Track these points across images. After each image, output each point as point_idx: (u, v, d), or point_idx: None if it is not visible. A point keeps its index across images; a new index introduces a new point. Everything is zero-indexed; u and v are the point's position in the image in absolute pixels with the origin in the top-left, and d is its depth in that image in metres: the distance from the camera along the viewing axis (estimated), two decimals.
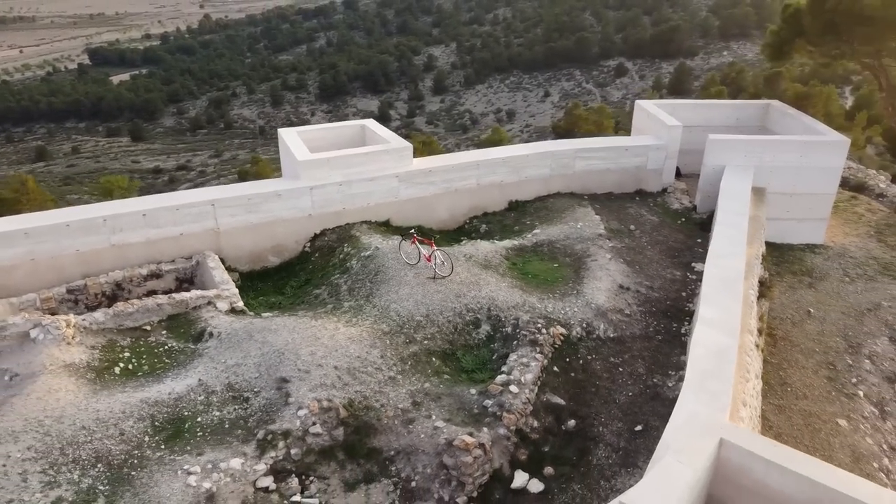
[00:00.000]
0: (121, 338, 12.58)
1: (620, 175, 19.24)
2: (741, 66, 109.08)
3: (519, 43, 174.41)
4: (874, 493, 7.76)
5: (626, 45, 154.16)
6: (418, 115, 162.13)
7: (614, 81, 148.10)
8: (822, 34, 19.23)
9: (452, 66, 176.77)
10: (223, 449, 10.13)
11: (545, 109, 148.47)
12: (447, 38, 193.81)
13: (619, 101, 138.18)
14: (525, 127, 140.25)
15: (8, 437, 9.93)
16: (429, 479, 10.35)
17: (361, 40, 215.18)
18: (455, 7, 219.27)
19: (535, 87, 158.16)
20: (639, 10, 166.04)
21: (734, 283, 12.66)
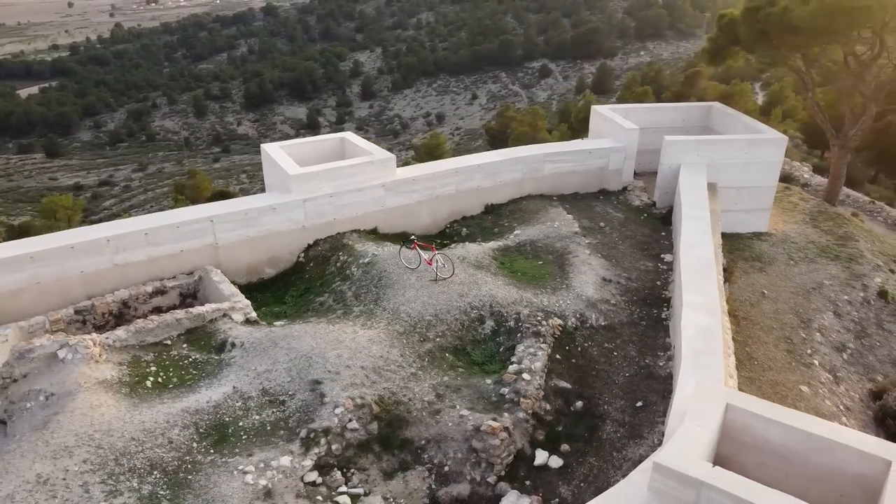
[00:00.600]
0: (144, 353, 13.03)
1: (585, 176, 20.69)
2: (659, 66, 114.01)
3: (444, 47, 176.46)
4: (857, 438, 9.26)
5: (549, 47, 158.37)
6: (348, 122, 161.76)
7: (539, 83, 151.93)
8: (755, 42, 21.20)
9: (379, 72, 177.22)
10: (270, 449, 10.85)
11: (474, 112, 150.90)
12: (372, 44, 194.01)
13: (545, 101, 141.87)
14: (455, 129, 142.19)
15: (62, 452, 10.37)
16: (460, 462, 11.34)
17: (284, 47, 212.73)
18: (378, 12, 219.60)
19: (463, 90, 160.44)
20: (558, 13, 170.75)
21: (709, 270, 14.19)
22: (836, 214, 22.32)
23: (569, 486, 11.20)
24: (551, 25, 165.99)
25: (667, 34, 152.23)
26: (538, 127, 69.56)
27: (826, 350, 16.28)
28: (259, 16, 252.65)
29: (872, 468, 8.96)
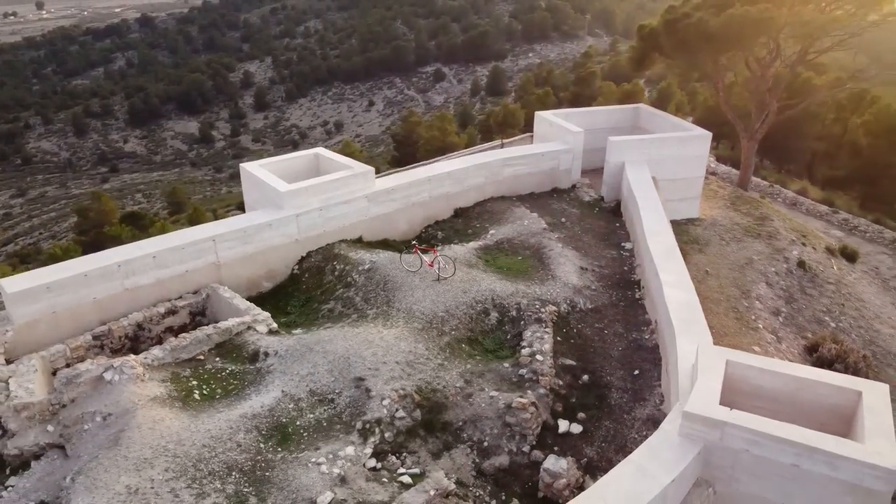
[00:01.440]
0: (181, 369, 13.71)
1: (539, 177, 22.63)
2: (550, 67, 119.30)
3: (336, 54, 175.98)
4: (831, 376, 11.52)
5: (441, 52, 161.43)
6: (243, 134, 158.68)
7: (434, 87, 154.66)
8: (676, 50, 23.89)
9: (271, 82, 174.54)
10: (333, 441, 11.96)
11: (372, 118, 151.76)
12: (261, 53, 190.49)
13: (441, 105, 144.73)
14: (356, 137, 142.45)
15: (143, 463, 11.09)
16: (497, 437, 12.84)
17: (166, 59, 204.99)
18: (263, 21, 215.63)
19: (359, 97, 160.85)
20: (447, 18, 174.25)
21: (674, 252, 16.40)
22: (750, 198, 25.42)
23: (592, 448, 12.94)
24: (441, 30, 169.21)
25: (552, 36, 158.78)
26: (447, 131, 71.40)
27: (766, 315, 18.93)
28: (134, 27, 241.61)
29: (847, 399, 11.22)
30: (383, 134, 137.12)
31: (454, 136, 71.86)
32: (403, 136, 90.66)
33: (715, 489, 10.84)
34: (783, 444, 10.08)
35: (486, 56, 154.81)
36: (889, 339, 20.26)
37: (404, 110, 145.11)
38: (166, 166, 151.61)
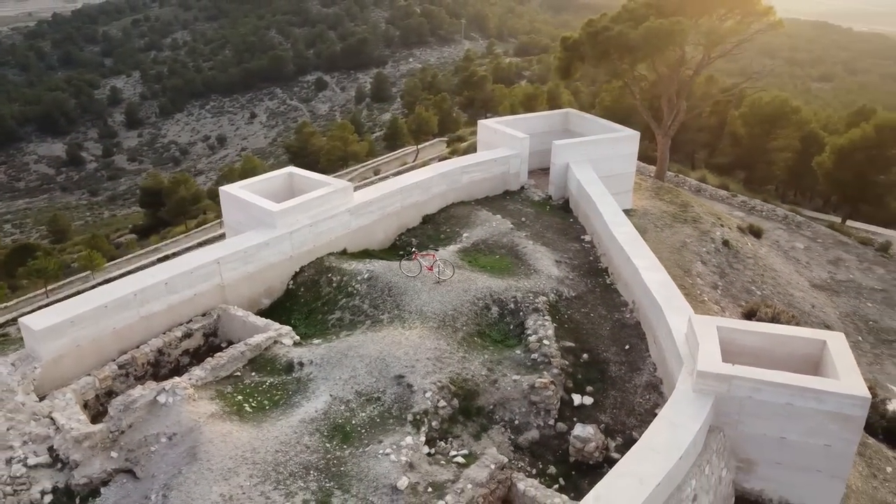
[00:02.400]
0: (222, 387, 14.42)
1: (493, 181, 24.49)
2: (434, 71, 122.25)
3: (210, 66, 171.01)
4: (800, 330, 14.09)
5: (321, 60, 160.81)
6: (117, 154, 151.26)
7: (317, 95, 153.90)
8: (599, 59, 26.51)
9: (142, 97, 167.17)
10: (392, 434, 13.20)
11: (256, 131, 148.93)
12: (126, 68, 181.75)
13: (327, 113, 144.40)
14: (241, 150, 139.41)
15: (228, 473, 11.93)
16: (525, 415, 14.54)
17: (17, 77, 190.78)
18: (125, 34, 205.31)
19: (239, 110, 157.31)
20: (323, 26, 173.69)
21: (639, 239, 18.73)
22: (670, 188, 28.54)
23: (605, 415, 14.91)
24: (319, 38, 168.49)
25: (430, 41, 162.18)
26: (349, 140, 72.38)
27: (707, 289, 21.76)
28: None
29: (814, 348, 13.80)
30: (271, 146, 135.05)
31: (356, 145, 72.93)
32: (298, 148, 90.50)
33: (725, 433, 13.07)
34: (779, 388, 12.43)
35: (366, 63, 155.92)
36: (802, 301, 23.73)
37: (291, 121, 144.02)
38: (32, 193, 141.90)
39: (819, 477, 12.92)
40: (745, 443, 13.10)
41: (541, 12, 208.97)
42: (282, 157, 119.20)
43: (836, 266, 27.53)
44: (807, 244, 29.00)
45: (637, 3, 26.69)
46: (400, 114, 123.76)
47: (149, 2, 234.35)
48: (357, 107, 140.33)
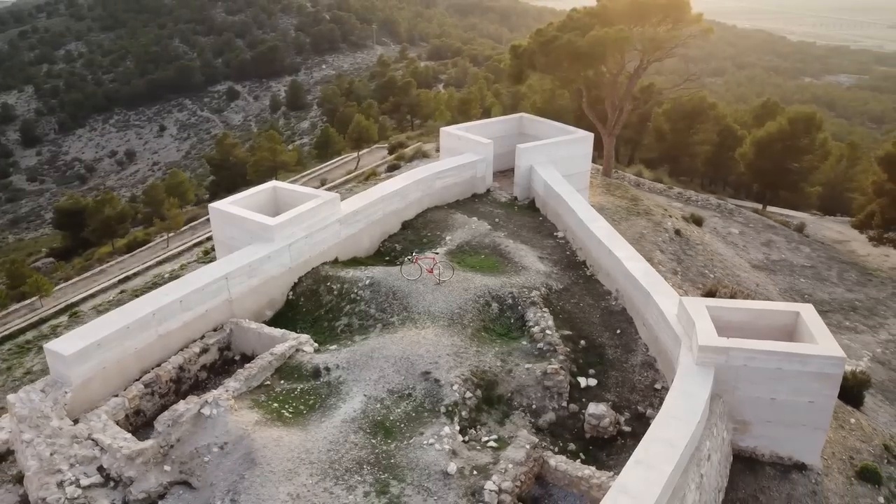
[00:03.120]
0: (256, 396, 15.00)
1: (462, 186, 25.72)
2: (350, 78, 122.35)
3: (111, 79, 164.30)
4: (775, 304, 16.02)
5: (231, 69, 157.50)
6: (14, 174, 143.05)
7: (230, 105, 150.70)
8: (548, 66, 28.19)
9: (38, 113, 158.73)
10: (430, 426, 14.20)
11: (167, 144, 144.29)
12: (18, 83, 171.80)
13: (242, 123, 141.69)
14: (153, 165, 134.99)
15: (290, 474, 12.65)
16: (541, 399, 15.83)
17: None
18: (12, 47, 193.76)
19: (147, 123, 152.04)
20: (230, 34, 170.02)
21: (615, 233, 20.40)
22: (619, 185, 30.61)
23: (610, 394, 16.39)
24: (226, 47, 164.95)
25: (341, 47, 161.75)
26: (277, 151, 71.91)
27: (669, 275, 23.75)
28: None
29: (788, 319, 15.74)
30: (186, 159, 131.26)
31: (286, 155, 72.42)
32: (220, 160, 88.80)
33: (724, 399, 14.78)
34: (770, 355, 14.24)
35: (278, 71, 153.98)
36: (748, 281, 26.17)
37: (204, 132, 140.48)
38: None
39: (804, 430, 14.83)
40: (741, 406, 14.85)
41: (448, 15, 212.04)
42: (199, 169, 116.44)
43: (769, 248, 30.35)
44: (741, 229, 31.76)
45: (580, 13, 28.60)
46: (319, 121, 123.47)
47: (35, 12, 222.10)
48: (273, 116, 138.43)
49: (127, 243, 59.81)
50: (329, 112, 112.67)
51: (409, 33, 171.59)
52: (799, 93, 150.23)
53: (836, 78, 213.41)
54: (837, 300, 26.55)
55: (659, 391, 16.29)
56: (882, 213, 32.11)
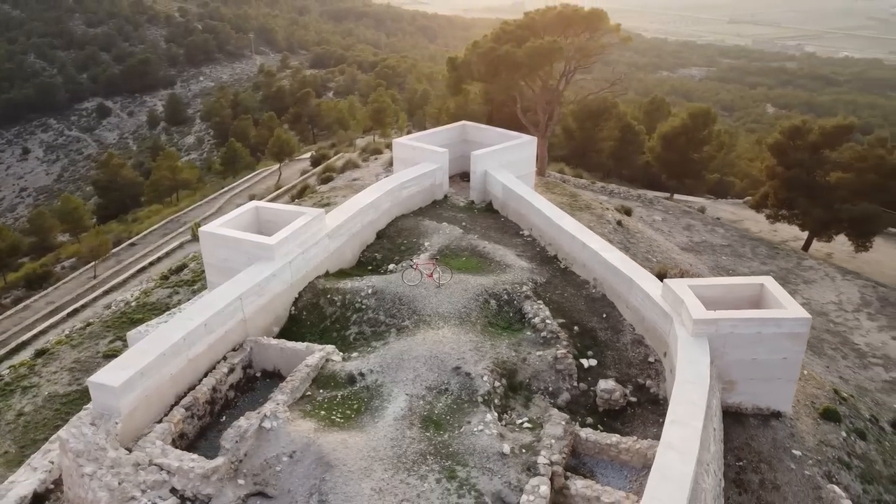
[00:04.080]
0: (302, 406, 15.79)
1: (423, 193, 27.06)
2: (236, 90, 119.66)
3: None
4: (744, 278, 18.63)
5: (99, 85, 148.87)
6: None
7: (101, 123, 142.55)
8: (487, 76, 30.05)
9: None
10: (473, 415, 15.58)
11: (33, 167, 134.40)
12: None
13: (118, 141, 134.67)
14: (21, 191, 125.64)
15: (367, 471, 13.75)
16: (555, 381, 17.60)
17: None
18: None
19: (7, 146, 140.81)
20: (94, 48, 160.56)
21: (584, 227, 22.52)
22: (556, 183, 33.00)
23: (611, 371, 18.40)
24: (91, 61, 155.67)
25: (218, 57, 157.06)
26: (179, 168, 70.19)
27: None
28: None
29: (755, 291, 18.38)
30: (59, 182, 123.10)
31: (186, 172, 70.77)
32: (107, 182, 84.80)
33: (715, 363, 17.13)
34: (752, 322, 16.73)
35: (152, 84, 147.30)
36: (683, 262, 29.22)
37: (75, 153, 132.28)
38: None
39: (779, 383, 17.47)
40: (728, 368, 17.27)
41: (323, 22, 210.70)
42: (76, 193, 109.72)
43: (690, 231, 33.78)
44: (663, 217, 35.09)
45: (512, 25, 30.64)
46: (206, 136, 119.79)
47: None
48: (152, 132, 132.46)
49: (25, 275, 56.27)
50: (217, 126, 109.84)
51: (287, 41, 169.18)
52: (658, 86, 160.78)
53: (688, 71, 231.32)
54: (756, 273, 30.20)
55: (652, 364, 18.48)
56: (775, 194, 36.50)
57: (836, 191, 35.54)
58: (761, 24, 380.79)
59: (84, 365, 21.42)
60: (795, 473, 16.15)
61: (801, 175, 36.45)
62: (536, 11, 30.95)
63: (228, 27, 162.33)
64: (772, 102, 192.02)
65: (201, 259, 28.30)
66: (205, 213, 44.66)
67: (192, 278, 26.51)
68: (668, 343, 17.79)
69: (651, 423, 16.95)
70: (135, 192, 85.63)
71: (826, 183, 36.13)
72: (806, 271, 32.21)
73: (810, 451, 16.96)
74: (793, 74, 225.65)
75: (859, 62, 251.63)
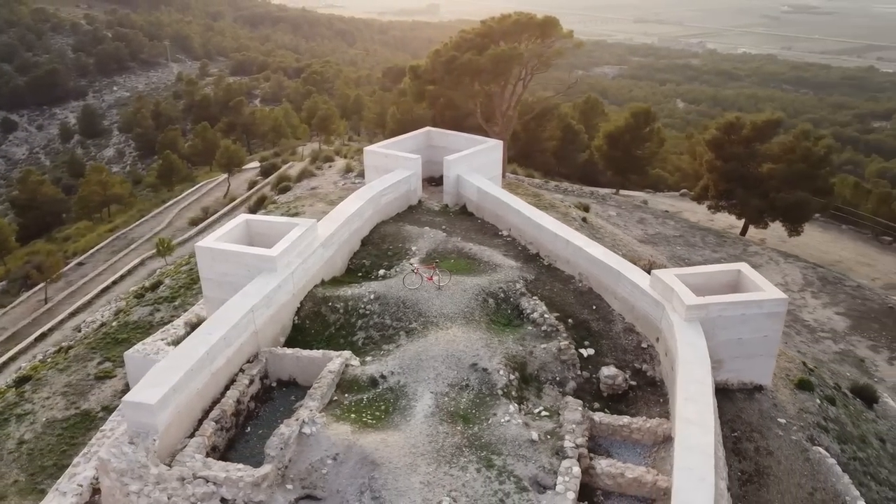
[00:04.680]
0: (331, 411, 16.31)
1: (400, 199, 27.75)
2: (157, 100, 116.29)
3: None
4: (722, 266, 20.30)
5: (1, 98, 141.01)
6: None
7: (7, 138, 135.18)
8: (451, 83, 30.99)
9: None
10: (496, 407, 16.52)
11: None
12: None
13: (28, 157, 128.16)
14: None
15: (412, 466, 14.50)
16: (561, 371, 18.75)
17: None
18: None
19: None
20: None
21: (564, 225, 23.80)
22: (518, 184, 34.28)
23: (608, 358, 19.69)
24: None
25: (131, 66, 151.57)
26: (108, 183, 68.14)
27: None
28: None
29: (732, 276, 20.07)
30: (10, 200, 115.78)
31: (119, 187, 68.79)
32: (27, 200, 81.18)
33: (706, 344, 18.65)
34: (737, 305, 18.34)
35: (62, 96, 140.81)
36: (644, 253, 31.00)
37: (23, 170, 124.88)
38: None
39: (761, 359, 19.18)
40: (717, 348, 18.78)
41: (239, 28, 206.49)
42: None
43: (643, 224, 35.74)
44: (617, 212, 36.95)
45: (471, 34, 31.69)
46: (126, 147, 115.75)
47: None
48: (66, 146, 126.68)
49: None
50: (140, 137, 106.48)
51: (204, 48, 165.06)
52: (577, 85, 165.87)
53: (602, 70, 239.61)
54: (709, 260, 32.38)
55: (646, 349, 19.88)
56: (715, 185, 39.07)
57: (769, 181, 38.46)
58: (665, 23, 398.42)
59: (77, 388, 21.02)
60: (784, 439, 17.84)
61: (738, 167, 39.27)
62: (493, 19, 32.15)
63: (141, 35, 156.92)
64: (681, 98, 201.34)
65: (176, 275, 28.16)
66: (154, 229, 43.65)
67: (171, 295, 26.22)
68: (661, 329, 19.22)
69: (653, 404, 18.33)
70: (57, 209, 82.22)
71: (759, 174, 39.04)
72: (752, 256, 34.83)
73: (793, 418, 18.74)
74: (698, 71, 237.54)
75: (756, 58, 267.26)
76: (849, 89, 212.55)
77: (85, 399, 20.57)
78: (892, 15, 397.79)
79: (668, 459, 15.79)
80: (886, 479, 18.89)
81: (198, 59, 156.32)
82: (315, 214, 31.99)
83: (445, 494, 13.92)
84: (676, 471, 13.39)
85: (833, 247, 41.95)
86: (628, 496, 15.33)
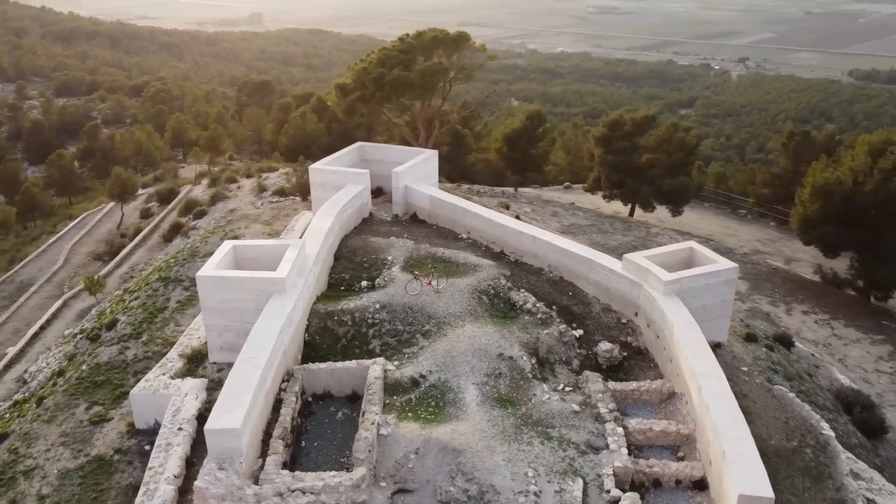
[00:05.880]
0: (387, 412, 17.49)
1: (357, 212, 28.79)
2: None
3: None
4: (677, 245, 23.63)
5: None
6: None
7: None
8: (382, 98, 32.30)
9: None
10: (533, 388, 18.57)
11: None
12: None
13: None
14: None
15: (490, 449, 16.22)
16: (565, 351, 21.08)
17: None
18: None
19: None
20: None
21: (527, 224, 26.17)
22: (451, 189, 36.19)
23: (597, 336, 22.25)
24: None
25: None
26: None
27: None
28: None
29: (686, 254, 23.43)
30: None
31: None
32: None
33: None
34: (702, 277, 21.65)
35: None
36: None
37: None
38: None
39: (719, 321, 22.65)
40: None
41: (50, 45, 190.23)
42: None
43: (558, 217, 38.99)
44: (531, 207, 39.96)
45: (392, 50, 33.10)
46: None
47: None
48: None
49: None
50: None
51: (15, 68, 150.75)
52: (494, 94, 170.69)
53: None
54: (622, 244, 36.22)
55: (626, 324, 22.68)
56: (607, 177, 43.39)
57: (650, 169, 43.40)
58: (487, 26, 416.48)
59: (75, 436, 20.10)
60: (751, 383, 21.31)
61: (624, 160, 43.91)
62: (410, 36, 33.82)
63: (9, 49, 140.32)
64: (514, 96, 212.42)
65: (129, 311, 27.33)
66: (52, 268, 40.68)
67: (134, 331, 25.36)
68: (639, 304, 22.11)
69: (646, 369, 21.15)
70: None
71: (642, 164, 43.90)
72: (656, 237, 39.29)
73: (751, 365, 22.36)
74: (525, 70, 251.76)
75: (573, 56, 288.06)
76: (655, 82, 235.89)
77: (91, 445, 19.84)
78: (681, 13, 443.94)
79: (676, 412, 18.63)
80: (824, 405, 23.11)
81: (11, 80, 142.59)
82: (255, 235, 32.25)
83: (527, 466, 15.71)
84: (714, 414, 16.07)
85: (703, 223, 48.06)
86: (657, 446, 17.91)
